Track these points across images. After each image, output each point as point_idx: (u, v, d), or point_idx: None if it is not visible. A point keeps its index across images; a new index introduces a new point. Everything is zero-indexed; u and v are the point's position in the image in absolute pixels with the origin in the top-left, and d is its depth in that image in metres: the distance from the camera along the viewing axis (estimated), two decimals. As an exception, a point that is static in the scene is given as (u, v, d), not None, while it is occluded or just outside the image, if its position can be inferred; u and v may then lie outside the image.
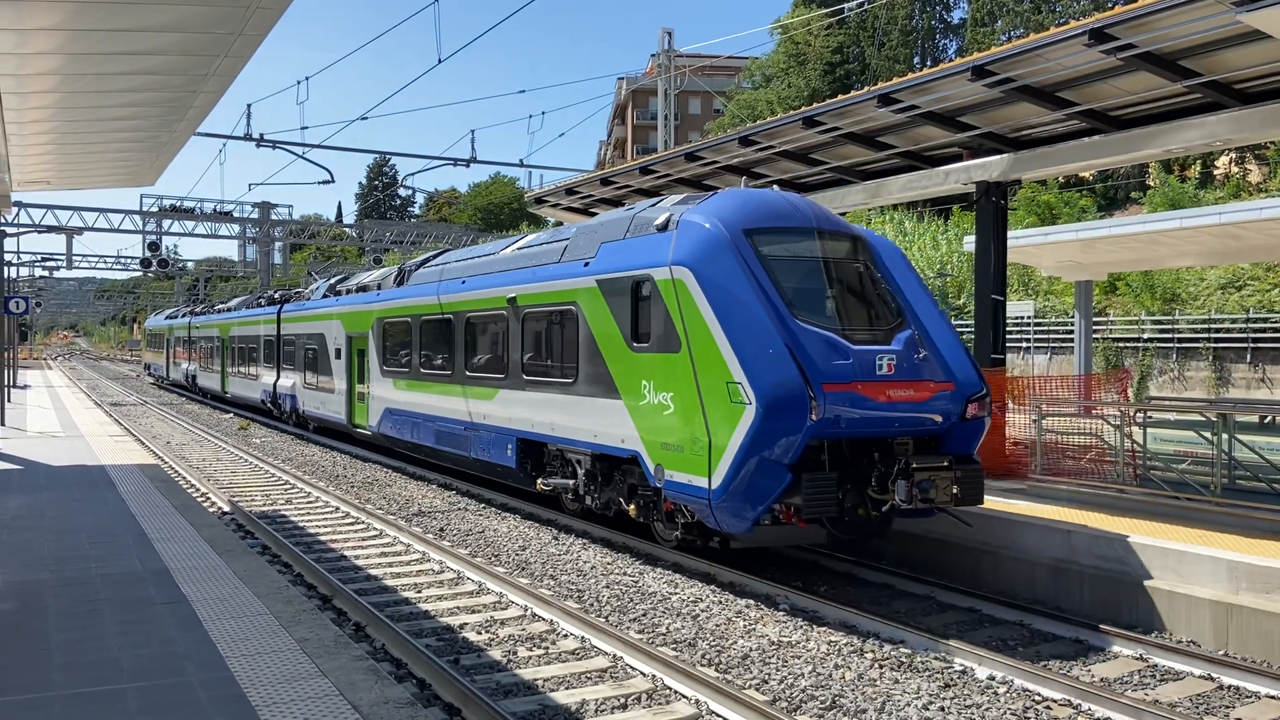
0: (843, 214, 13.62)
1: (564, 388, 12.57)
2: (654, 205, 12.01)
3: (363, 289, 21.88)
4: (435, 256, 19.32)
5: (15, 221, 36.83)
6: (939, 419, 10.09)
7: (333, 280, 26.82)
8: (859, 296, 10.59)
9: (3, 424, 22.16)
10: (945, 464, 9.86)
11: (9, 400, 26.66)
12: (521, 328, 13.82)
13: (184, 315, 46.51)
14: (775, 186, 12.75)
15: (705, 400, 9.80)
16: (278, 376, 27.96)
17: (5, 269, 24.75)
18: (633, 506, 11.48)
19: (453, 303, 16.00)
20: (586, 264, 12.19)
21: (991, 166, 13.68)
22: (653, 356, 10.72)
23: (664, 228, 11.01)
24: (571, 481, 12.78)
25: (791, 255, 10.43)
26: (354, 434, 21.70)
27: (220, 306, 40.46)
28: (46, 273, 58.85)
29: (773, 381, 9.21)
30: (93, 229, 39.69)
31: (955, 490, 9.78)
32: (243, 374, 32.63)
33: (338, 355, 22.29)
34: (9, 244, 38.98)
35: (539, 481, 13.44)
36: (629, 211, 12.38)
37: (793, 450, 9.23)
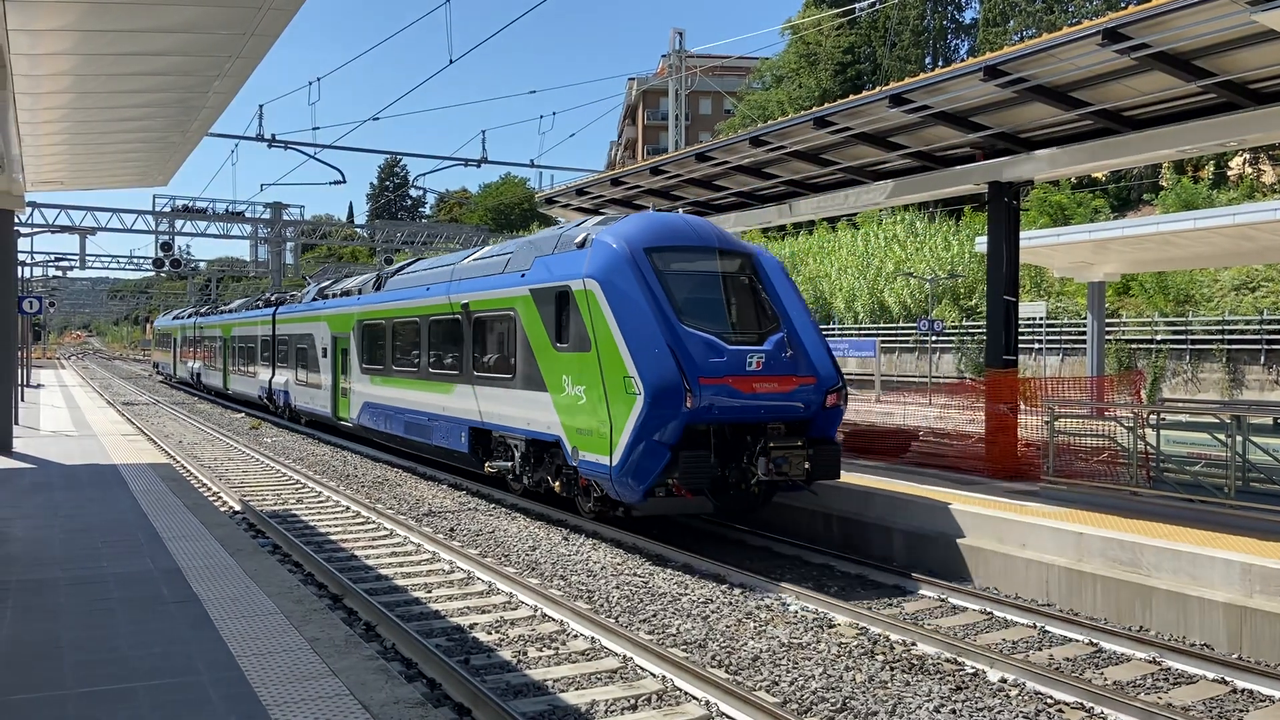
0: (854, 215, 13.65)
1: (505, 383, 14.46)
2: (578, 225, 13.88)
3: (346, 293, 23.79)
4: (409, 264, 21.34)
5: (29, 222, 37.02)
6: (802, 407, 11.96)
7: (322, 285, 28.70)
8: (740, 304, 12.46)
9: (17, 423, 22.27)
10: (799, 444, 11.75)
11: (23, 399, 26.80)
12: (472, 330, 15.74)
13: (189, 316, 48.69)
14: (783, 189, 12.78)
15: (608, 392, 11.73)
16: (273, 374, 29.80)
17: (19, 269, 24.88)
18: (558, 484, 13.41)
19: (419, 307, 17.96)
20: (523, 275, 14.08)
21: (1003, 167, 13.63)
22: (571, 355, 12.63)
23: (582, 245, 12.83)
24: (510, 463, 14.70)
25: (684, 270, 12.30)
26: (338, 426, 23.43)
27: (223, 308, 42.94)
28: (60, 273, 59.09)
29: (656, 376, 11.11)
30: (106, 229, 39.87)
31: (808, 466, 11.70)
32: (242, 371, 34.50)
33: (324, 354, 24.04)
34: (23, 244, 39.15)
35: (486, 465, 15.28)
36: (559, 230, 14.32)
37: (672, 433, 11.12)
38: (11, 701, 5.31)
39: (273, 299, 33.74)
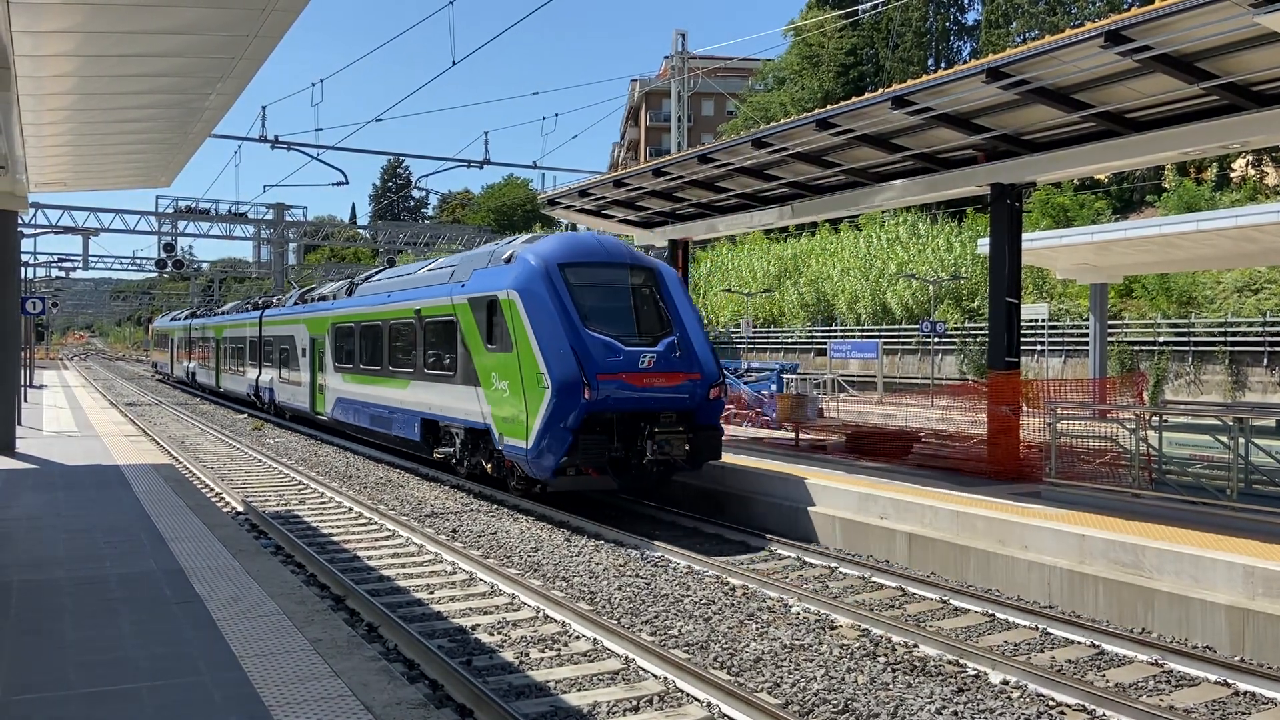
0: (856, 216, 13.74)
1: (449, 379, 16.45)
2: (509, 242, 15.90)
3: (322, 298, 26.00)
4: (377, 272, 23.52)
5: (32, 222, 37.06)
6: (687, 398, 13.93)
7: (303, 290, 31.27)
8: (640, 312, 14.40)
9: (20, 423, 22.29)
10: (681, 430, 13.76)
11: (26, 400, 26.83)
12: (424, 333, 17.69)
13: (185, 318, 50.90)
14: (794, 195, 12.78)
15: (525, 386, 13.79)
16: (259, 372, 31.78)
17: (22, 269, 24.91)
18: (489, 465, 15.50)
19: (382, 312, 19.94)
20: (462, 285, 16.07)
21: (1006, 169, 13.63)
22: (498, 355, 14.64)
23: (509, 260, 14.80)
24: (453, 449, 16.69)
25: (592, 282, 14.23)
26: (315, 420, 25.46)
27: (216, 311, 45.15)
28: (63, 273, 59.26)
29: (561, 372, 13.17)
30: (109, 230, 39.94)
31: (688, 448, 13.74)
32: (233, 370, 36.57)
33: (303, 354, 26.06)
34: (26, 245, 39.21)
35: (435, 451, 17.33)
36: (494, 246, 16.41)
37: (574, 420, 13.15)
38: (15, 702, 5.33)
39: (260, 302, 35.87)
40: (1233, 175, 43.52)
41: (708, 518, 14.05)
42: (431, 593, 10.03)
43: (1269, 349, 30.36)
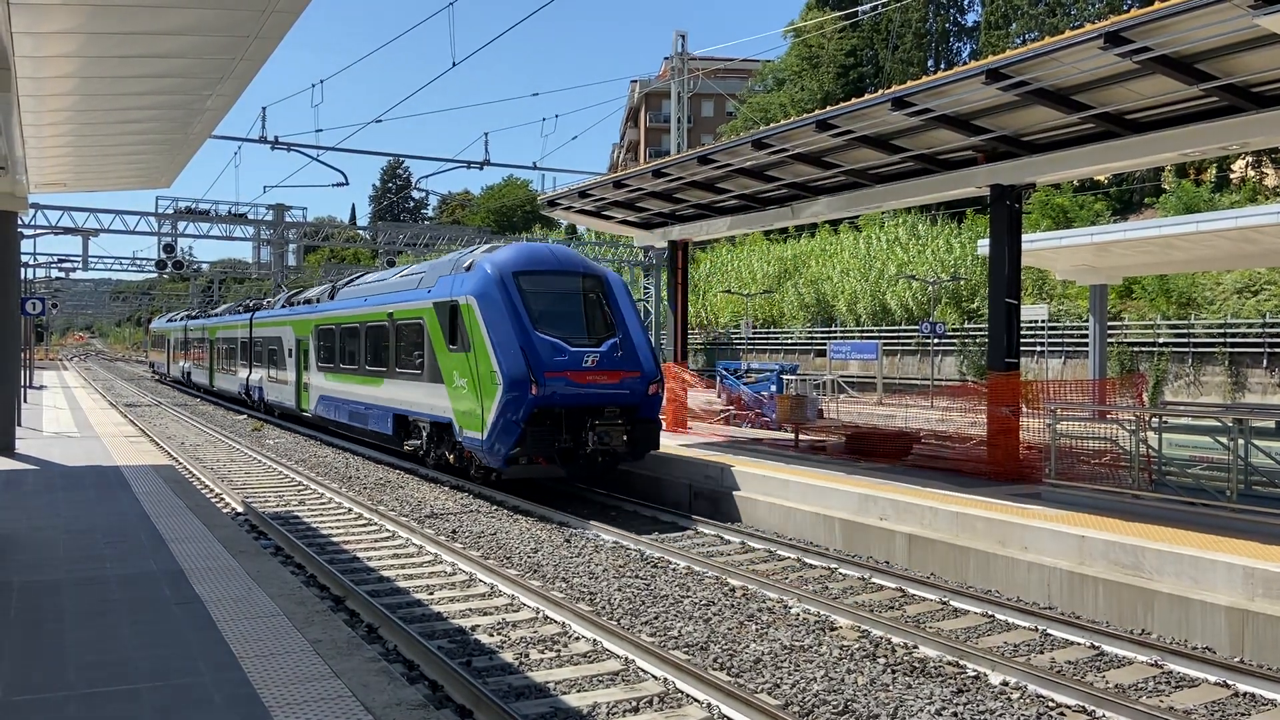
0: (856, 217, 13.80)
1: (417, 378, 17.83)
2: (470, 251, 17.24)
3: (307, 301, 27.42)
4: (358, 277, 25.34)
5: (32, 223, 37.03)
6: (627, 394, 15.26)
7: (290, 293, 32.68)
8: (586, 316, 15.76)
9: (19, 424, 22.29)
10: (620, 422, 15.10)
11: (25, 401, 26.83)
12: (396, 335, 19.04)
13: (181, 319, 52.76)
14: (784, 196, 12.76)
15: (480, 383, 15.16)
16: (250, 372, 33.22)
17: (22, 270, 24.92)
18: (452, 456, 17.02)
19: (359, 315, 21.33)
20: (429, 291, 17.45)
21: (1005, 170, 13.64)
22: (458, 355, 15.99)
23: (468, 269, 16.11)
24: (420, 442, 18.28)
25: (542, 289, 15.60)
26: (301, 417, 26.98)
27: (210, 313, 46.88)
28: (63, 274, 59.19)
29: (512, 370, 14.54)
30: (108, 231, 39.81)
31: (626, 439, 15.11)
32: (225, 370, 38.12)
33: (290, 354, 27.55)
34: (26, 245, 39.17)
35: (405, 444, 18.93)
36: (457, 255, 17.76)
37: (524, 413, 14.49)
38: (15, 702, 5.33)
39: (250, 305, 37.26)
40: (1232, 176, 43.53)
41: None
42: (431, 594, 10.03)
43: (1268, 350, 30.36)
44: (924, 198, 15.72)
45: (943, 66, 59.58)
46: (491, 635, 8.58)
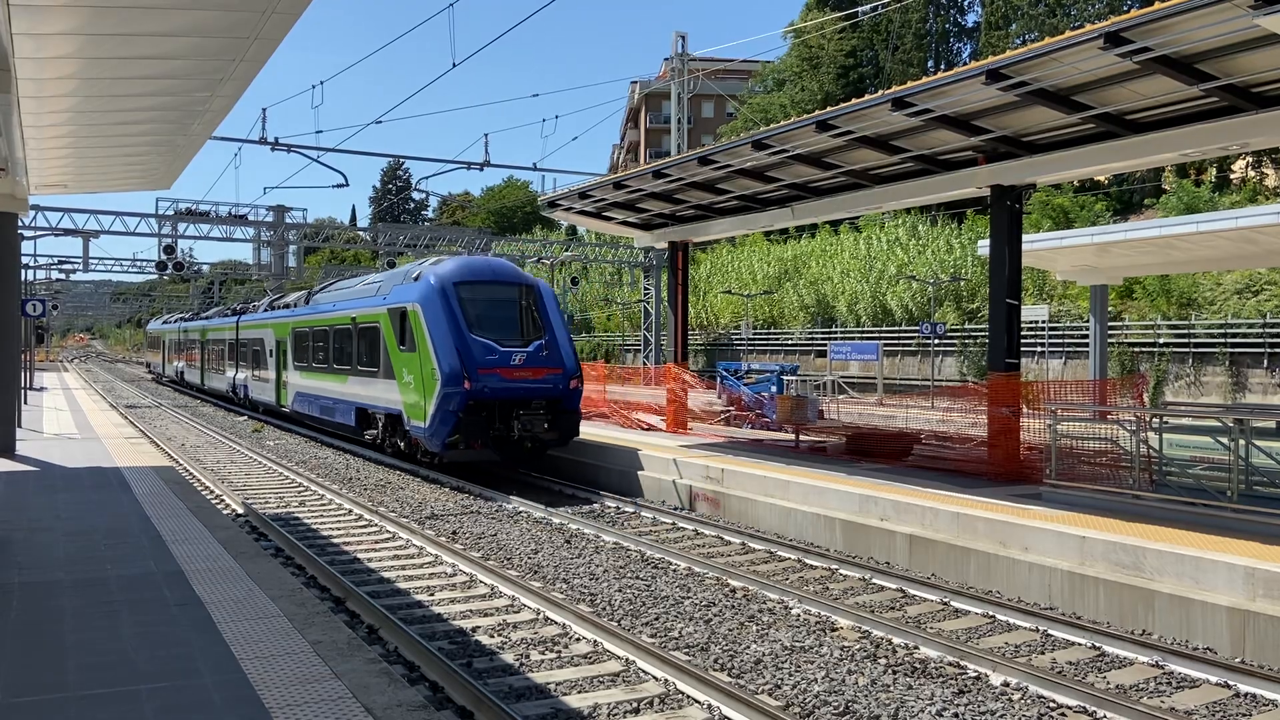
0: (856, 218, 13.83)
1: (374, 375, 20.26)
2: (419, 264, 19.72)
3: (286, 305, 29.75)
4: (330, 284, 27.60)
5: (33, 225, 37.03)
6: (551, 388, 17.62)
7: (273, 298, 35.48)
8: (516, 320, 18.13)
9: (20, 426, 22.29)
10: (542, 412, 17.50)
11: (26, 402, 26.83)
12: (358, 337, 21.45)
13: (175, 322, 55.52)
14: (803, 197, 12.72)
15: (424, 379, 17.54)
16: (236, 371, 35.45)
17: (22, 272, 24.92)
18: (403, 444, 19.43)
19: (328, 319, 23.71)
20: (385, 298, 19.97)
21: (1006, 170, 13.63)
22: (406, 354, 18.38)
23: (416, 279, 18.59)
24: (376, 432, 20.72)
25: (479, 297, 17.96)
26: (279, 412, 29.32)
27: (202, 315, 49.39)
28: (63, 275, 59.20)
29: (448, 367, 16.90)
30: (109, 232, 39.73)
31: (547, 426, 17.47)
32: (214, 369, 40.57)
33: (271, 354, 29.82)
34: (26, 247, 39.16)
35: (366, 433, 21.35)
36: (410, 266, 20.31)
37: (458, 405, 16.81)
38: (15, 704, 5.32)
39: (237, 308, 40.21)
40: (1232, 177, 43.52)
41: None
42: (432, 595, 10.02)
43: (1269, 350, 30.34)
44: (924, 198, 15.72)
45: (943, 67, 59.57)
46: (492, 636, 8.57)
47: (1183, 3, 9.13)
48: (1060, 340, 35.86)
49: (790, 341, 49.64)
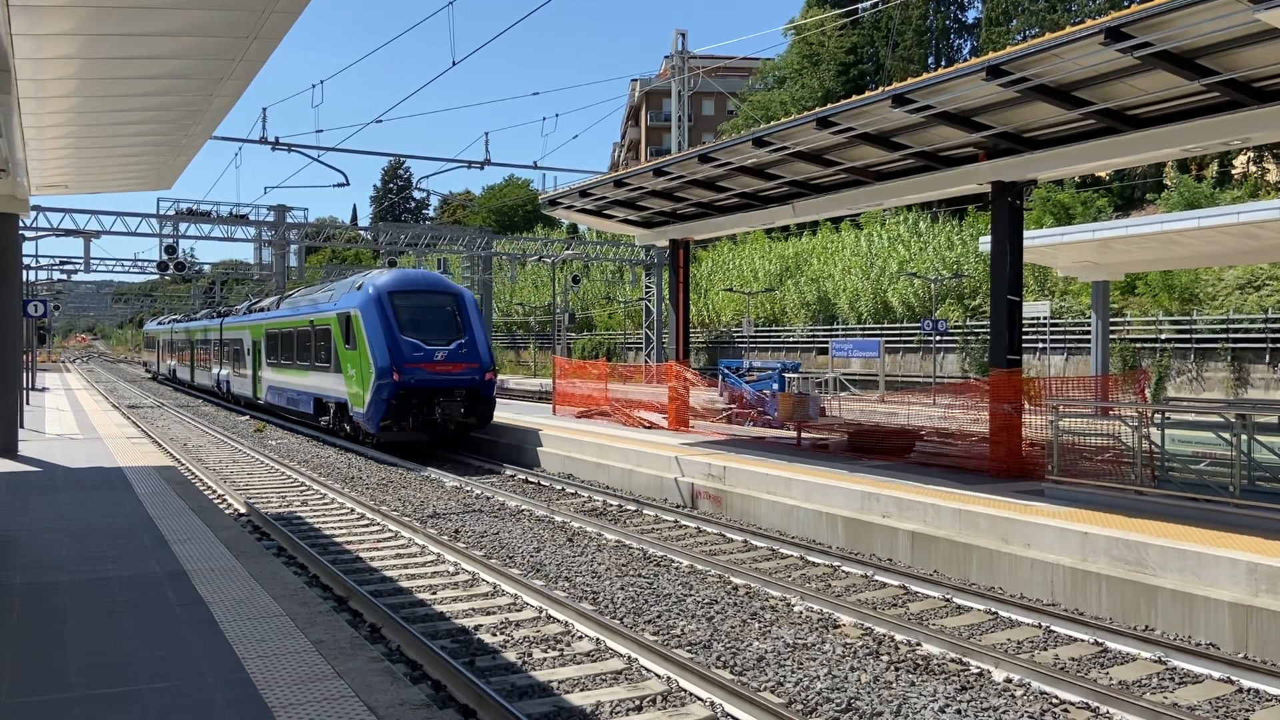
0: (857, 215, 13.79)
1: (327, 369, 23.79)
2: (364, 275, 23.94)
3: (261, 309, 33.57)
4: (296, 291, 32.39)
5: (34, 225, 37.06)
6: (469, 380, 21.25)
7: (251, 302, 40.12)
8: (441, 323, 21.65)
9: (22, 426, 22.30)
10: (458, 400, 21.11)
11: (28, 403, 26.85)
12: (314, 337, 24.86)
13: (168, 323, 59.77)
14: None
15: (362, 372, 21.27)
16: (220, 368, 38.92)
17: (24, 272, 24.92)
18: (348, 427, 22.97)
19: (293, 321, 27.22)
20: (336, 304, 23.55)
21: (1007, 167, 13.62)
22: (351, 352, 21.92)
23: (359, 289, 22.27)
24: (328, 418, 24.24)
25: (410, 304, 21.64)
26: (256, 404, 32.74)
27: (193, 317, 53.44)
28: (65, 276, 59.28)
29: (381, 362, 20.59)
30: (110, 232, 39.83)
31: (464, 413, 21.21)
32: (202, 367, 44.04)
33: (248, 353, 33.13)
34: (28, 248, 39.19)
35: (321, 419, 24.94)
36: (356, 277, 24.57)
37: (389, 394, 20.53)
38: (18, 704, 5.33)
39: (221, 311, 44.50)
40: (1234, 172, 43.47)
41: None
42: (434, 593, 10.03)
43: (1271, 345, 30.33)
44: (925, 195, 15.71)
45: (943, 63, 59.55)
46: (494, 635, 8.58)
47: (1183, -3, 9.12)
48: (1062, 336, 35.84)
49: (792, 339, 49.62)
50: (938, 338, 38.51)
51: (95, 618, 6.97)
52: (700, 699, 7.03)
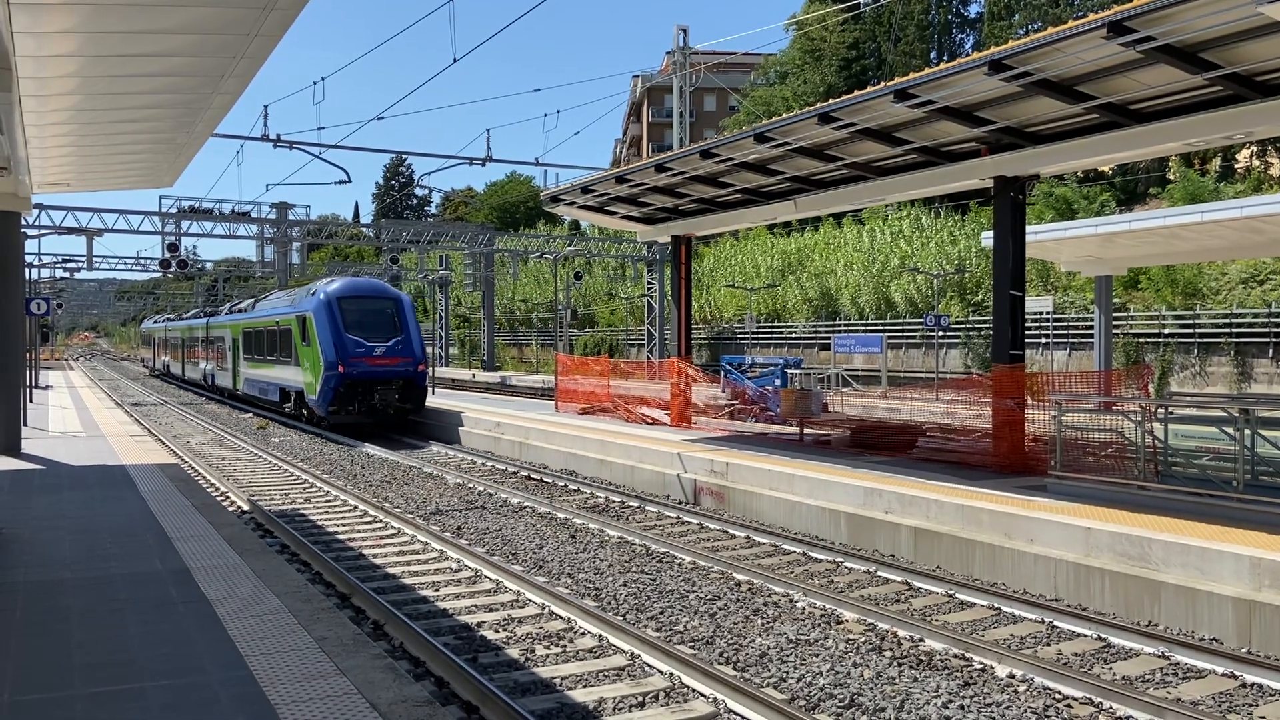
0: (859, 210, 13.79)
1: (289, 363, 27.92)
2: (323, 282, 27.81)
3: (240, 310, 37.65)
4: (269, 294, 36.79)
5: (36, 223, 37.08)
6: (404, 371, 25.31)
7: (232, 303, 44.65)
8: (381, 324, 25.66)
9: (25, 424, 22.32)
10: (394, 388, 25.22)
11: (31, 401, 26.89)
12: (280, 335, 28.84)
13: (162, 322, 65.18)
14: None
15: (315, 365, 25.15)
16: (206, 363, 43.16)
17: (26, 271, 24.96)
18: (305, 413, 27.09)
19: (264, 321, 31.33)
20: (295, 307, 27.41)
21: (1009, 161, 13.59)
22: (306, 348, 25.88)
23: (313, 295, 26.22)
24: (290, 404, 28.24)
25: (355, 308, 25.57)
26: (236, 394, 36.42)
27: (184, 316, 58.11)
28: (67, 274, 59.35)
29: (329, 357, 24.54)
30: (112, 230, 39.89)
31: (399, 399, 25.31)
32: (191, 362, 48.33)
33: (230, 349, 36.94)
34: (30, 246, 39.22)
35: (285, 406, 28.78)
36: (312, 284, 28.87)
37: (336, 383, 24.52)
38: (22, 701, 5.34)
39: (208, 311, 50.44)
40: (1237, 166, 43.39)
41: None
42: (437, 590, 10.03)
43: (1274, 340, 30.29)
44: (927, 190, 15.68)
45: (945, 58, 59.39)
46: (497, 631, 8.58)
47: (1186, -9, 9.09)
48: (1065, 331, 35.80)
49: (794, 335, 49.60)
50: (940, 333, 38.47)
51: (98, 615, 6.98)
52: (703, 695, 7.03)
